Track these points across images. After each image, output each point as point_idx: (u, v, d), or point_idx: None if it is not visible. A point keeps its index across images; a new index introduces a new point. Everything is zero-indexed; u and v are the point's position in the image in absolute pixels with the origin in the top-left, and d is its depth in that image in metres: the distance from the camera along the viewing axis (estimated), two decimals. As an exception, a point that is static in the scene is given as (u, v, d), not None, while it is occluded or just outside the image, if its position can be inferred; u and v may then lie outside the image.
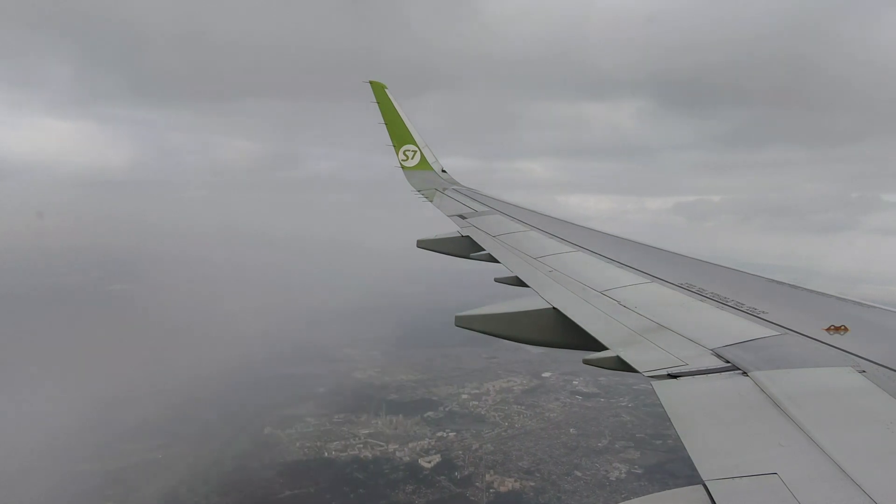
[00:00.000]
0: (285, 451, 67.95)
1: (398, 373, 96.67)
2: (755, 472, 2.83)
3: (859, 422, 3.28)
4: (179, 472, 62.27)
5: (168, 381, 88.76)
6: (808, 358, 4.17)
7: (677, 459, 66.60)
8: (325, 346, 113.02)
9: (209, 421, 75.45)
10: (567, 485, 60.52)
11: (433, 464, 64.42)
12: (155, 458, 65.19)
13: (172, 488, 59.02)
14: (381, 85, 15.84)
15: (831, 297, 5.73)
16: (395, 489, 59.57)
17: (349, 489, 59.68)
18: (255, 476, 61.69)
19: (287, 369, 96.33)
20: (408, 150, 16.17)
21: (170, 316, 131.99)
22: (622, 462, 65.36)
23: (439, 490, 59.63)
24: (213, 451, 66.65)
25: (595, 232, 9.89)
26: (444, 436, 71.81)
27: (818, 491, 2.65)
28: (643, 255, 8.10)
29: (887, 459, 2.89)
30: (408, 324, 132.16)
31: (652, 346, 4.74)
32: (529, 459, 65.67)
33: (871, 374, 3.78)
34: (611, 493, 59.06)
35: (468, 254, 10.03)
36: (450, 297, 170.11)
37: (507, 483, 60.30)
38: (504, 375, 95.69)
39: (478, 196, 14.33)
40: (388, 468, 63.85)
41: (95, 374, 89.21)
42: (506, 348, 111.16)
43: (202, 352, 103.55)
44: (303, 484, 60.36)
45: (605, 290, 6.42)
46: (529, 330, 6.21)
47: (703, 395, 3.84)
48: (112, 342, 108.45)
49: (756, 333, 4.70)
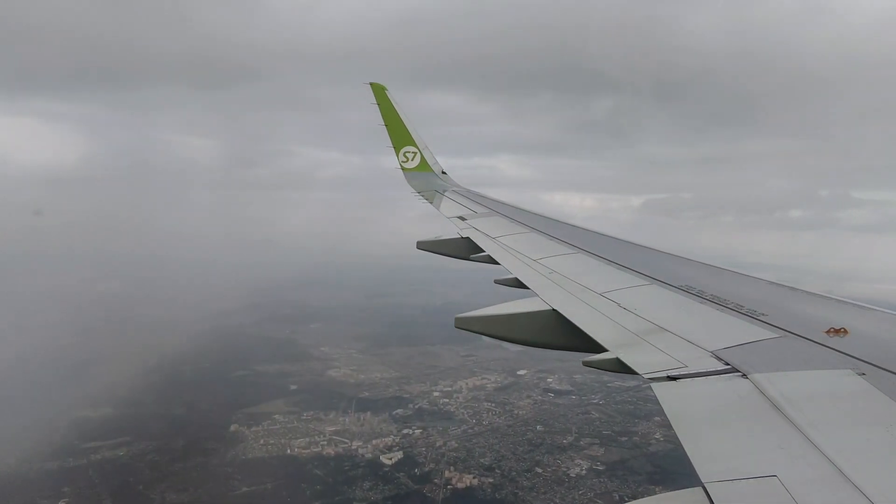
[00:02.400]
0: (249, 448, 67.81)
1: (373, 371, 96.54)
2: (755, 475, 2.82)
3: (859, 424, 3.28)
4: (139, 469, 62.21)
5: (141, 378, 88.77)
6: (808, 360, 4.17)
7: (640, 456, 66.63)
8: (305, 344, 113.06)
9: (177, 418, 75.42)
10: (526, 481, 60.24)
11: (394, 461, 64.25)
12: (116, 455, 65.10)
13: (129, 485, 58.92)
14: (382, 87, 15.78)
15: (831, 299, 5.74)
16: (352, 486, 59.38)
17: (306, 486, 59.55)
18: (213, 473, 61.52)
19: (262, 367, 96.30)
20: (408, 151, 16.21)
21: (150, 314, 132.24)
22: (585, 459, 65.04)
23: (397, 487, 59.42)
24: (176, 449, 66.54)
25: (595, 234, 9.99)
26: (410, 433, 71.61)
27: (818, 494, 2.65)
28: (643, 256, 8.17)
29: (887, 462, 2.87)
30: (392, 323, 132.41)
31: (651, 348, 4.76)
32: (492, 456, 65.42)
33: (871, 376, 3.76)
34: (568, 489, 58.84)
35: (468, 255, 10.10)
36: (437, 297, 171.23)
37: (466, 479, 60.01)
38: (479, 373, 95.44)
39: (477, 198, 14.48)
40: (349, 465, 63.69)
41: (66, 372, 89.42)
42: (485, 347, 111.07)
43: (178, 350, 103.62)
44: (261, 480, 60.18)
45: (604, 291, 6.44)
46: (529, 332, 6.23)
47: (702, 397, 3.85)
48: (88, 340, 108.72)
49: (756, 336, 4.70)
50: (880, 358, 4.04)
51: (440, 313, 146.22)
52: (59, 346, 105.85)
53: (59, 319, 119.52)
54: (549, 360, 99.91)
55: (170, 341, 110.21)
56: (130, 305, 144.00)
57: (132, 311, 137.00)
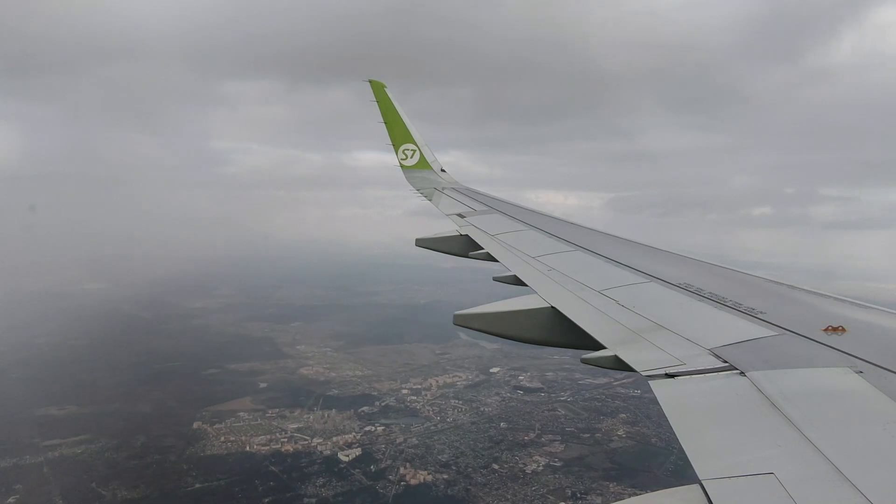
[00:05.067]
0: (208, 445, 67.65)
1: (345, 369, 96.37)
2: (752, 472, 2.84)
3: (856, 422, 3.30)
4: (95, 466, 62.03)
5: (111, 377, 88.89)
6: (806, 358, 4.19)
7: (599, 453, 66.42)
8: (281, 342, 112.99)
9: (142, 416, 75.28)
10: (480, 478, 59.98)
11: (352, 457, 64.06)
12: (74, 453, 64.93)
13: (82, 482, 58.74)
14: (381, 84, 15.70)
15: (829, 297, 5.75)
16: (305, 482, 59.19)
17: (260, 482, 59.34)
18: (169, 470, 61.38)
19: (234, 365, 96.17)
20: (407, 149, 16.17)
21: (131, 313, 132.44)
22: (543, 455, 64.78)
23: (350, 483, 59.23)
24: (135, 447, 66.41)
25: (593, 231, 10.03)
26: (373, 430, 71.42)
27: (815, 491, 2.67)
28: (641, 254, 8.19)
29: (884, 460, 2.89)
30: (373, 322, 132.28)
31: (650, 345, 4.78)
32: (450, 453, 65.20)
33: (868, 374, 3.79)
34: (522, 485, 58.58)
35: (467, 252, 10.14)
36: (422, 295, 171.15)
37: (420, 476, 59.81)
38: (451, 371, 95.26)
39: (476, 195, 14.50)
40: (306, 462, 63.51)
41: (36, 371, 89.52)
42: (462, 345, 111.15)
43: (153, 348, 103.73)
44: (215, 477, 60.02)
45: (603, 289, 6.46)
46: (528, 329, 6.25)
47: (700, 394, 3.87)
48: (65, 340, 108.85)
49: (754, 333, 4.73)
50: (878, 356, 4.06)
51: (423, 312, 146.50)
52: (36, 346, 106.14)
53: (36, 318, 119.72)
54: (524, 358, 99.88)
55: (146, 340, 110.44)
56: (112, 305, 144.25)
57: (113, 311, 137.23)
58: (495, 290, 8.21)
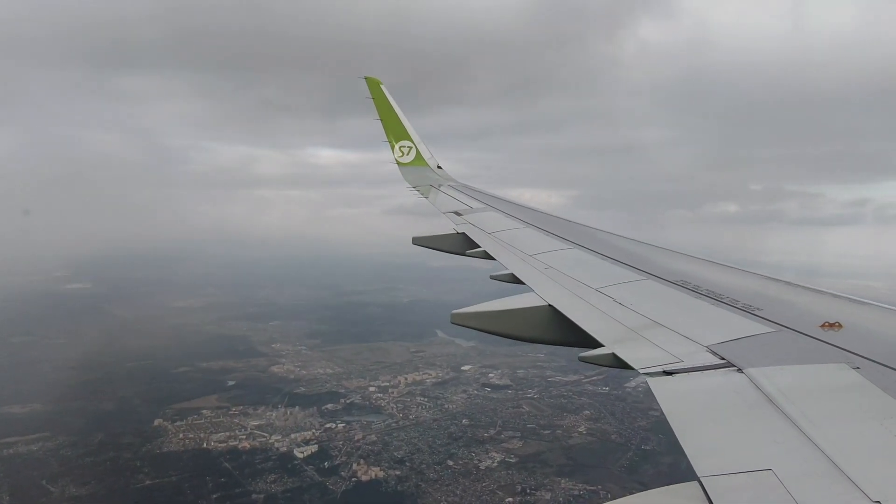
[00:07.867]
0: (166, 442, 67.40)
1: (317, 367, 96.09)
2: (750, 469, 2.84)
3: (854, 418, 3.30)
4: (48, 464, 61.81)
5: (78, 375, 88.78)
6: (803, 355, 4.22)
7: (557, 449, 66.15)
8: (256, 341, 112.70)
9: (103, 413, 75.12)
10: (433, 474, 59.71)
11: (307, 454, 63.76)
12: (30, 450, 64.68)
13: (32, 480, 58.52)
14: (377, 81, 15.66)
15: (826, 293, 5.77)
16: (256, 478, 58.97)
17: (211, 479, 59.12)
18: (121, 467, 61.16)
19: (205, 364, 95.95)
20: (403, 146, 16.18)
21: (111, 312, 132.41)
22: (500, 451, 64.49)
23: (301, 479, 58.99)
24: (92, 444, 66.22)
25: (591, 229, 10.02)
26: (333, 427, 71.19)
27: (813, 487, 2.66)
28: (638, 252, 8.21)
29: (882, 456, 2.90)
30: (352, 320, 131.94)
31: (647, 343, 4.80)
32: (407, 449, 64.94)
33: (865, 370, 3.80)
34: (473, 481, 58.31)
35: (464, 251, 10.09)
36: (406, 294, 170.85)
37: (372, 472, 59.57)
38: (422, 369, 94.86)
39: (473, 193, 14.48)
40: (260, 458, 63.25)
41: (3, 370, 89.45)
42: (437, 343, 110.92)
43: (127, 347, 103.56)
44: (167, 474, 59.83)
45: (600, 287, 6.47)
46: (525, 327, 6.28)
47: (698, 391, 3.89)
48: (39, 338, 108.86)
49: (751, 330, 4.76)
50: (875, 352, 4.05)
51: (404, 311, 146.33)
52: (10, 344, 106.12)
53: (11, 317, 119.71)
54: (498, 356, 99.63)
55: (122, 339, 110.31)
56: (92, 304, 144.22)
57: (92, 310, 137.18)
58: (492, 288, 8.15)
